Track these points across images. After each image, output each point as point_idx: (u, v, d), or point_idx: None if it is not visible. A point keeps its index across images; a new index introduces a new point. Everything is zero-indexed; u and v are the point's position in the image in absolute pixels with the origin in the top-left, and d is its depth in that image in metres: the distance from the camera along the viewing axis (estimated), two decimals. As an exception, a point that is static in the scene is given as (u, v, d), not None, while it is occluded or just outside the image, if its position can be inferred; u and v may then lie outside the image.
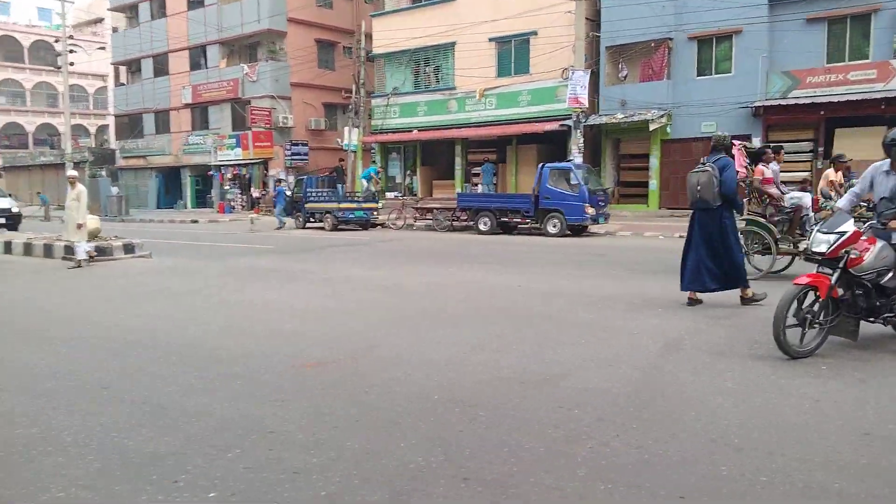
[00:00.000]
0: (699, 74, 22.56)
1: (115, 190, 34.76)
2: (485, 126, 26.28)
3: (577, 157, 21.40)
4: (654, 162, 23.27)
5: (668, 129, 22.83)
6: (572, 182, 18.57)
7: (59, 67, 36.98)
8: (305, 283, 9.81)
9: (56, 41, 37.68)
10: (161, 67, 38.49)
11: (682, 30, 22.39)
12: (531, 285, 9.24)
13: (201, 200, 38.06)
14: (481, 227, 20.13)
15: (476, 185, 26.78)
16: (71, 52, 37.36)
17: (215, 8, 34.65)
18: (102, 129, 57.06)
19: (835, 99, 19.62)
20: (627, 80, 23.75)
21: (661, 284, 8.95)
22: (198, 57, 36.77)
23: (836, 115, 19.97)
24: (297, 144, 33.56)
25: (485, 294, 8.62)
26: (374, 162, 30.19)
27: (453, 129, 27.03)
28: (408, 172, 29.55)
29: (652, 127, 22.35)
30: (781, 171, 10.66)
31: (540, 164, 19.73)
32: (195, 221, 29.75)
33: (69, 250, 13.19)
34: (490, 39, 26.07)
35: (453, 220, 21.62)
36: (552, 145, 25.66)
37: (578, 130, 21.63)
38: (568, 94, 21.63)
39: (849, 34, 20.29)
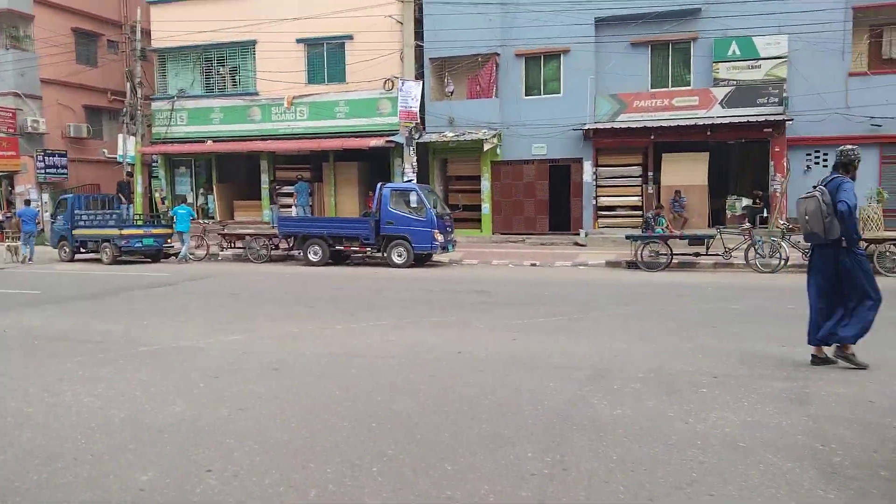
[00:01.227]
0: (528, 94, 21.69)
1: None
2: (296, 139, 23.14)
3: (410, 176, 19.30)
4: (486, 185, 21.94)
5: (499, 151, 21.65)
6: (416, 205, 16.42)
7: None
8: (125, 366, 6.34)
9: None
10: None
11: (510, 45, 21.38)
12: (460, 346, 6.78)
13: (-86, 223, 29.72)
14: (311, 256, 17.14)
15: (287, 206, 23.50)
16: None
17: (-68, -22, 27.25)
18: None
19: (663, 123, 19.72)
20: (454, 97, 22.20)
21: (643, 338, 6.99)
22: None
23: (663, 139, 20.12)
24: (52, 155, 27.41)
25: (425, 369, 5.97)
26: (155, 178, 25.49)
27: (257, 140, 23.50)
28: (201, 191, 25.26)
29: (486, 147, 20.98)
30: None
31: (378, 184, 17.30)
32: None
33: None
34: (298, 41, 23.08)
35: (271, 248, 18.34)
36: (375, 163, 23.32)
37: (411, 148, 19.57)
38: (399, 107, 19.47)
39: (671, 60, 20.64)
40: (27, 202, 23.80)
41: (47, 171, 27.16)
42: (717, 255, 15.32)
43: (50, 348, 7.18)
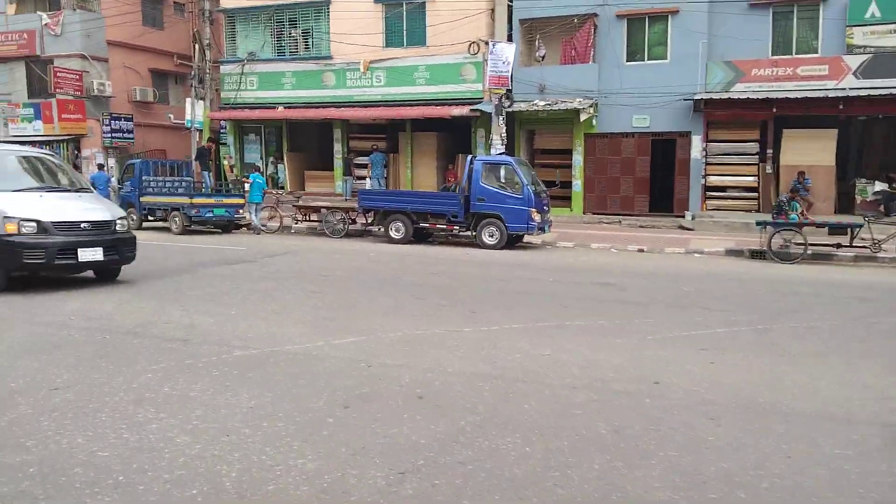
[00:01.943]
0: (629, 59, 19.55)
1: None
2: (372, 106, 21.56)
3: (500, 148, 17.55)
4: (578, 159, 19.99)
5: (594, 122, 19.65)
6: (511, 180, 14.71)
7: None
8: (222, 380, 4.85)
9: None
10: (-79, 9, 29.15)
11: (611, 5, 19.25)
12: (649, 371, 5.07)
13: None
14: (393, 233, 15.64)
15: (361, 178, 22.04)
16: None
17: (1, -65, 26.51)
18: None
19: (787, 95, 17.40)
20: (545, 62, 20.24)
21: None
22: (-24, -2, 28.13)
23: (786, 113, 17.82)
24: (118, 119, 26.54)
25: (636, 414, 4.30)
26: (224, 144, 24.35)
27: (331, 107, 22.00)
28: (271, 160, 24.01)
29: (582, 118, 19.02)
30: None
31: (469, 157, 15.62)
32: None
33: None
34: (376, 0, 21.42)
35: (348, 223, 16.91)
36: (455, 134, 21.63)
37: (501, 117, 17.77)
38: (489, 72, 17.66)
39: (796, 23, 18.23)
40: (100, 166, 23.00)
41: (113, 135, 26.30)
42: (862, 246, 13.21)
43: (123, 347, 5.77)
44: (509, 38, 20.05)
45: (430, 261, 12.71)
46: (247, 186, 18.30)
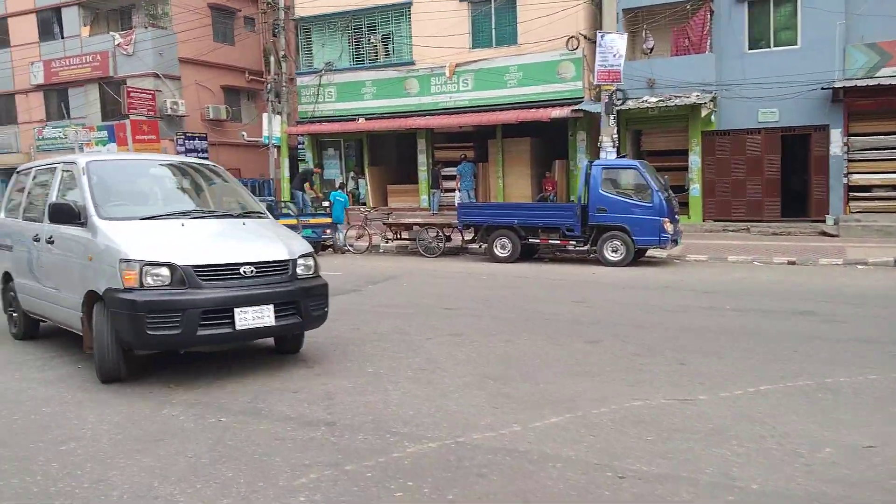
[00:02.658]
0: (752, 47, 17.37)
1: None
2: (459, 113, 19.94)
3: (610, 150, 15.61)
4: (695, 160, 17.85)
5: (713, 118, 17.50)
6: (637, 186, 12.82)
7: None
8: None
9: None
10: (0, 38, 29.23)
11: (728, -12, 17.16)
12: None
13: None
14: (498, 251, 13.89)
15: (449, 190, 20.46)
16: None
17: (73, -43, 26.18)
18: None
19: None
20: (654, 53, 18.23)
21: None
22: (49, 23, 27.96)
23: (946, 98, 15.36)
24: (192, 138, 25.74)
25: None
26: (302, 160, 23.14)
27: (415, 116, 20.49)
28: (351, 175, 22.66)
29: (703, 113, 16.92)
30: None
31: (585, 162, 13.85)
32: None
33: None
34: (460, 0, 19.85)
35: (444, 240, 15.30)
36: (550, 138, 19.80)
37: (611, 116, 15.83)
38: (597, 66, 15.71)
39: (953, -4, 15.76)
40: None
41: (187, 154, 25.49)
42: None
43: (248, 438, 4.14)
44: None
45: (554, 283, 10.92)
46: (326, 205, 17.03)
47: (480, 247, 14.69)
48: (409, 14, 20.75)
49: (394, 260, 14.97)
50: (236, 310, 5.12)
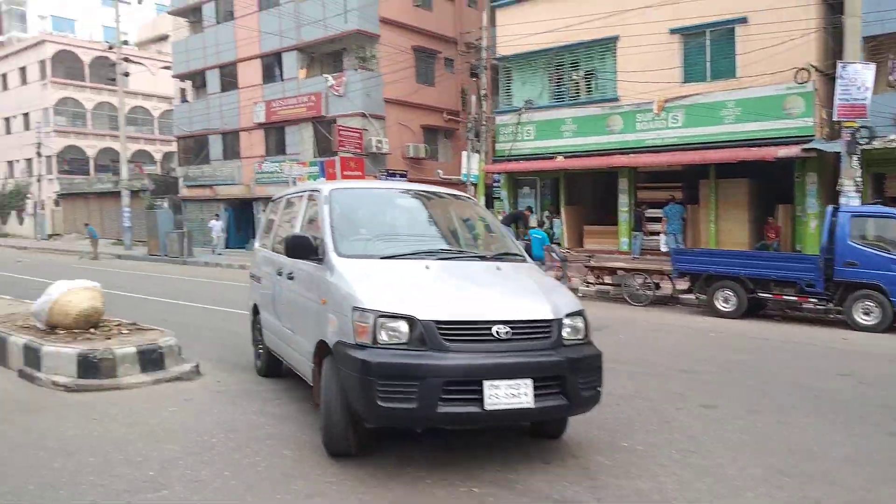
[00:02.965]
0: None
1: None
2: (666, 151, 18.78)
3: (852, 195, 13.71)
4: (958, 207, 15.26)
5: (982, 158, 14.92)
6: (897, 238, 11.01)
7: (113, 79, 31.53)
8: None
9: (113, 64, 32.28)
10: (229, 80, 32.55)
11: None
12: None
13: (274, 240, 31.54)
14: (720, 304, 12.59)
15: (653, 233, 19.30)
16: (126, 74, 31.96)
17: (292, 6, 28.48)
18: (168, 157, 52.23)
19: None
20: (903, 86, 16.01)
21: None
22: (272, 67, 30.66)
23: None
24: (394, 175, 26.78)
25: None
26: (497, 198, 23.08)
27: (618, 154, 19.61)
28: (546, 214, 22.20)
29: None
30: None
31: (830, 207, 12.19)
32: (265, 269, 23.14)
33: (31, 357, 6.42)
34: (672, 31, 18.78)
35: (654, 287, 14.23)
36: (771, 180, 18.02)
37: (855, 156, 13.95)
38: (837, 100, 13.99)
39: None
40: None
41: (388, 191, 26.49)
42: None
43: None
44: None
45: (802, 349, 9.52)
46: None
47: (696, 298, 13.46)
48: (615, 49, 20.05)
49: (598, 306, 14.12)
50: (486, 383, 4.01)
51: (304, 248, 4.97)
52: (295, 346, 5.45)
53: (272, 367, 6.74)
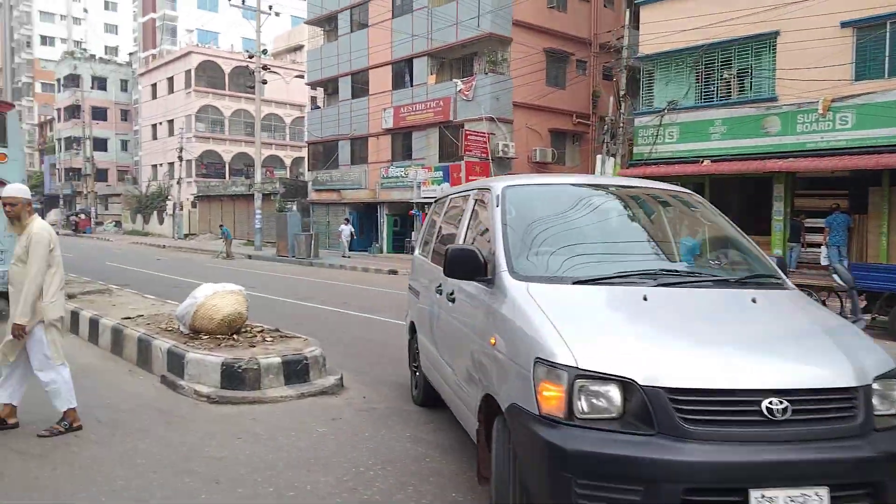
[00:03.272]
0: None
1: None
2: (832, 155, 16.85)
3: None
4: None
5: None
6: None
7: (253, 85, 32.78)
8: None
9: (251, 73, 33.56)
10: (360, 87, 33.00)
11: None
12: None
13: (399, 244, 31.63)
14: (916, 332, 10.84)
15: (812, 245, 17.39)
16: (263, 82, 33.18)
17: (425, 13, 28.38)
18: (298, 162, 54.19)
19: None
20: None
21: None
22: (402, 73, 30.74)
23: None
24: (520, 179, 25.96)
25: None
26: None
27: (774, 158, 17.83)
28: (689, 222, 20.63)
29: None
30: None
31: None
32: (393, 272, 23.06)
33: (174, 363, 6.12)
34: (843, 24, 16.84)
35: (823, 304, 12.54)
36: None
37: None
38: None
39: None
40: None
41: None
42: None
43: None
44: None
45: None
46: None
47: (874, 318, 11.73)
48: (774, 45, 18.28)
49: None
50: (753, 493, 2.55)
51: (466, 264, 3.58)
52: (454, 388, 4.19)
53: (431, 396, 5.48)
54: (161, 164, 55.22)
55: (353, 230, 29.70)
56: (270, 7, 31.99)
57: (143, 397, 5.85)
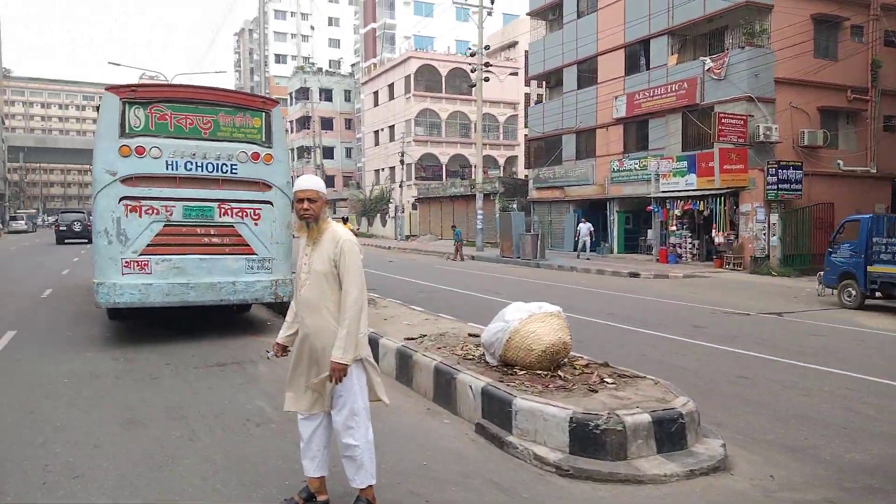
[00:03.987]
0: None
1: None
2: None
3: None
4: None
5: None
6: None
7: (474, 84, 32.00)
8: None
9: (473, 70, 32.89)
10: (587, 76, 30.80)
11: None
12: None
13: (632, 244, 29.03)
14: None
15: None
16: (486, 80, 32.40)
17: (665, -12, 25.53)
18: (511, 161, 53.27)
19: None
20: None
21: None
22: (636, 57, 28.05)
23: None
24: (786, 167, 22.29)
25: None
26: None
27: None
28: None
29: None
30: None
31: None
32: (635, 275, 20.74)
33: (495, 410, 4.51)
34: None
35: None
36: None
37: None
38: None
39: None
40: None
41: (779, 186, 22.10)
42: None
43: None
44: None
45: None
46: None
47: None
48: None
49: None
50: None
51: None
52: None
53: None
54: (383, 169, 57.16)
55: (591, 228, 27.56)
56: (493, 1, 30.97)
57: (464, 459, 4.34)
